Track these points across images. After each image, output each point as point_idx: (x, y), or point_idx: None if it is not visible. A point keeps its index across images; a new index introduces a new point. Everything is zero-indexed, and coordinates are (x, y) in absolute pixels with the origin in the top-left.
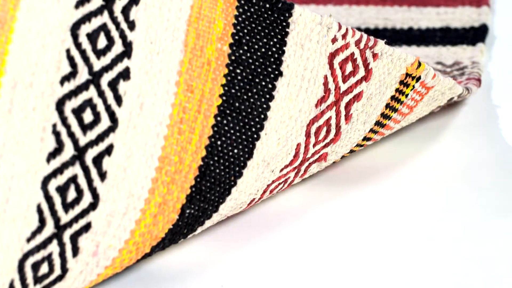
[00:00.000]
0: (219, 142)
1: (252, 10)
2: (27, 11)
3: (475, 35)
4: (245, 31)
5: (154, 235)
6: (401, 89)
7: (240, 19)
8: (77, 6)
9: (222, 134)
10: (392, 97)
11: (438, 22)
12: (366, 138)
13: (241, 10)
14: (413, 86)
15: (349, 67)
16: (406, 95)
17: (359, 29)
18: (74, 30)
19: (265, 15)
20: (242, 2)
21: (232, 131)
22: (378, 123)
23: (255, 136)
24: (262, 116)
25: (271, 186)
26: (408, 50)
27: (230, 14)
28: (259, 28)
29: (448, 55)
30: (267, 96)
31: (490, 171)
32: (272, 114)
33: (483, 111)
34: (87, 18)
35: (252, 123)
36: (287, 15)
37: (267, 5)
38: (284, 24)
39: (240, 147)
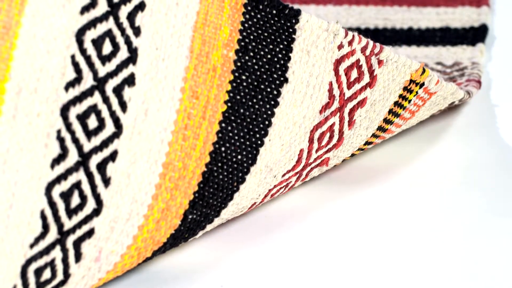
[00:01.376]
0: (223, 148)
1: (258, 16)
2: (32, 16)
3: (475, 35)
4: (251, 37)
5: (156, 240)
6: (404, 95)
7: (246, 25)
8: (82, 12)
9: (226, 140)
10: (395, 103)
11: (438, 22)
12: (367, 143)
13: (247, 16)
14: (416, 92)
15: (354, 74)
16: (409, 101)
17: (359, 29)
18: (79, 36)
19: (272, 21)
20: (249, 8)
21: (236, 137)
22: (380, 128)
23: (259, 142)
24: (267, 122)
25: (272, 191)
26: (408, 50)
27: (237, 20)
28: (266, 34)
29: (448, 55)
30: (272, 102)
31: (490, 171)
32: (277, 120)
33: (483, 111)
34: (92, 24)
35: (257, 129)
36: (293, 21)
37: (274, 11)
38: (291, 30)
39: (244, 153)
